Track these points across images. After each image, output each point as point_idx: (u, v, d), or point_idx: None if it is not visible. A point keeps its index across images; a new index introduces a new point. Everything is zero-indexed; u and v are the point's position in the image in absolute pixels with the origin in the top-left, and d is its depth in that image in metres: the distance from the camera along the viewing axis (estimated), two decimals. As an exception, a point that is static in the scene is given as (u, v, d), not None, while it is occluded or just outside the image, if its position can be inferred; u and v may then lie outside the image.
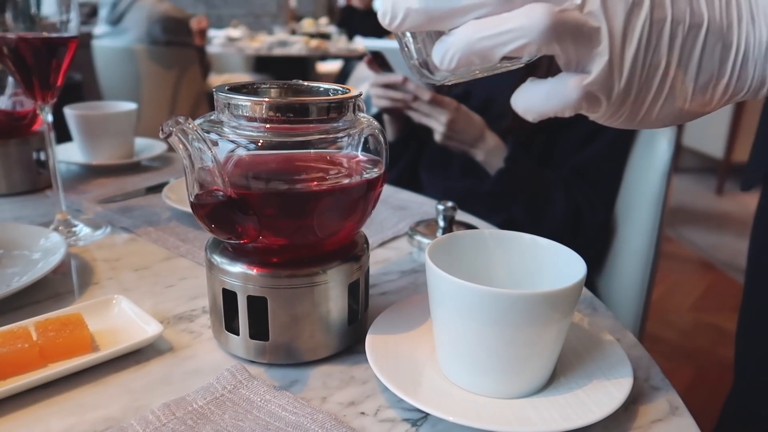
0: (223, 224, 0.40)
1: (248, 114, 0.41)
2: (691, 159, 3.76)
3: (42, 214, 0.76)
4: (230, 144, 0.41)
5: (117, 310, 0.50)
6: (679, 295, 2.23)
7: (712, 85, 0.33)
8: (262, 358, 0.45)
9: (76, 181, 0.90)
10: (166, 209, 0.78)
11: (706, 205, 3.24)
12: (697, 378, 1.72)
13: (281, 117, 0.40)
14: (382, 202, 0.80)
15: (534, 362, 0.39)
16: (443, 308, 0.40)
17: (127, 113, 0.96)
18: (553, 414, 0.37)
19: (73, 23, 0.62)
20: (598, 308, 0.55)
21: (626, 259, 1.04)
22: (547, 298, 0.37)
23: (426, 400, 0.38)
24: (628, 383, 0.40)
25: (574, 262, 0.41)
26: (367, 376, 0.44)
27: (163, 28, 2.55)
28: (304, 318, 0.44)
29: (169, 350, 0.47)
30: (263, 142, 0.41)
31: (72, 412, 0.39)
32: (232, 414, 0.39)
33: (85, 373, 0.43)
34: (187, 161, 0.38)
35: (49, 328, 0.44)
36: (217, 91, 0.42)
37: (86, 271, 0.60)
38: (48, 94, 0.64)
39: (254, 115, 0.40)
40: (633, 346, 0.48)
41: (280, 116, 0.40)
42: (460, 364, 0.41)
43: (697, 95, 0.33)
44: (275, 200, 0.42)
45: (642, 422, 0.39)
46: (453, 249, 0.45)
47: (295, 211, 0.42)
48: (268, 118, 0.40)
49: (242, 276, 0.43)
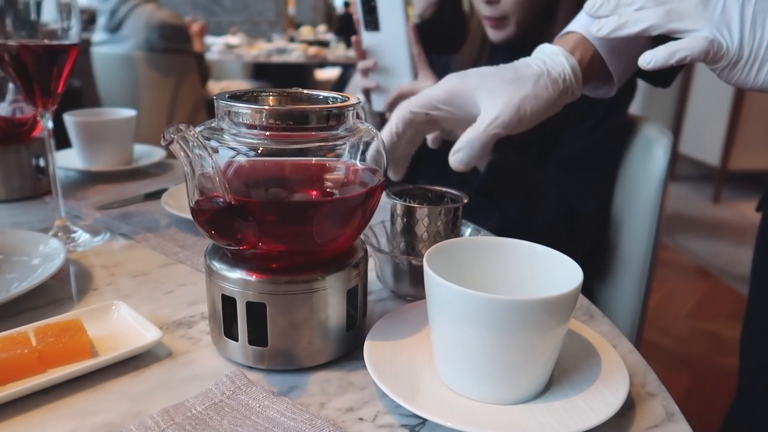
0: (223, 230, 0.41)
1: (248, 121, 0.41)
2: (687, 167, 3.77)
3: (41, 220, 0.76)
4: (230, 151, 0.41)
5: (116, 315, 0.50)
6: (676, 303, 2.23)
7: None
8: (261, 364, 0.45)
9: (75, 188, 0.90)
10: (165, 215, 0.78)
11: (702, 213, 3.25)
12: (694, 385, 1.72)
13: (281, 125, 0.41)
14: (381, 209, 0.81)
15: (531, 368, 0.40)
16: (441, 314, 0.40)
17: (126, 120, 0.96)
18: (550, 420, 0.38)
19: (74, 30, 0.62)
20: (594, 315, 0.55)
21: (623, 267, 1.04)
22: (544, 304, 0.38)
23: (424, 406, 0.38)
24: (624, 389, 0.40)
25: (571, 269, 0.41)
26: (366, 382, 0.44)
27: (161, 36, 2.56)
28: (302, 324, 0.44)
29: (168, 356, 0.47)
30: (263, 149, 0.41)
31: (71, 418, 0.40)
32: (231, 419, 0.39)
33: (85, 379, 0.43)
34: (188, 168, 0.39)
35: (48, 333, 0.44)
36: (218, 98, 0.43)
37: (85, 277, 0.61)
38: (49, 101, 0.64)
39: (254, 123, 0.41)
40: (629, 352, 0.48)
41: (279, 124, 0.41)
42: (458, 370, 0.41)
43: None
44: (275, 208, 0.42)
45: (638, 428, 0.40)
46: (451, 255, 0.45)
47: (294, 219, 0.42)
48: (268, 126, 0.41)
49: (241, 282, 0.43)
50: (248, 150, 0.41)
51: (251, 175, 0.43)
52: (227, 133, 0.42)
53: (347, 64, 3.57)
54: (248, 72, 3.76)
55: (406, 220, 0.56)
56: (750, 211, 2.46)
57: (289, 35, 4.46)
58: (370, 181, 0.44)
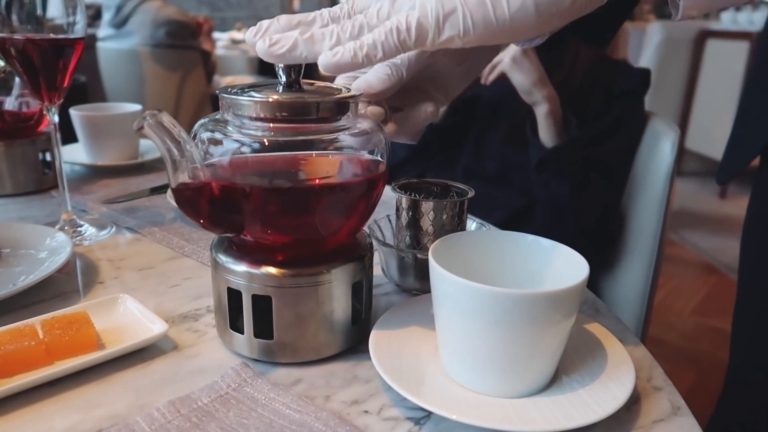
0: (207, 215, 0.42)
1: (251, 114, 0.41)
2: (694, 162, 3.75)
3: (48, 214, 0.76)
4: (234, 143, 0.41)
5: (122, 309, 0.50)
6: (682, 299, 2.23)
7: None
8: (267, 356, 0.45)
9: (81, 182, 0.90)
10: (170, 210, 0.78)
11: (709, 209, 3.23)
12: (699, 381, 1.72)
13: (284, 116, 0.41)
14: (387, 204, 0.81)
15: (536, 362, 0.40)
16: (446, 307, 0.40)
17: (131, 114, 0.97)
18: (556, 413, 0.38)
19: (80, 25, 0.62)
20: (600, 309, 0.55)
21: (629, 262, 1.04)
22: (550, 298, 0.37)
23: (429, 399, 0.38)
24: (630, 383, 0.40)
25: (577, 263, 0.41)
26: (371, 375, 0.44)
27: (167, 32, 2.56)
28: (308, 317, 0.44)
29: (174, 349, 0.47)
30: (266, 141, 0.41)
31: (77, 410, 0.40)
32: (237, 412, 0.39)
33: (91, 371, 0.43)
34: (164, 153, 0.39)
35: (55, 326, 0.45)
36: (221, 92, 0.43)
37: (91, 270, 0.61)
38: (55, 95, 0.64)
39: (257, 115, 0.41)
40: (635, 346, 0.48)
41: (282, 115, 0.41)
42: (463, 364, 0.41)
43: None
44: (278, 197, 0.42)
45: (644, 422, 0.39)
46: (457, 248, 0.45)
47: (296, 208, 0.42)
48: (271, 118, 0.41)
49: (247, 275, 0.43)
50: (252, 142, 0.41)
51: (252, 165, 0.43)
52: (231, 125, 0.42)
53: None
54: (253, 67, 3.76)
55: (411, 213, 0.56)
56: (757, 206, 2.45)
57: (294, 30, 4.45)
58: (373, 169, 0.44)
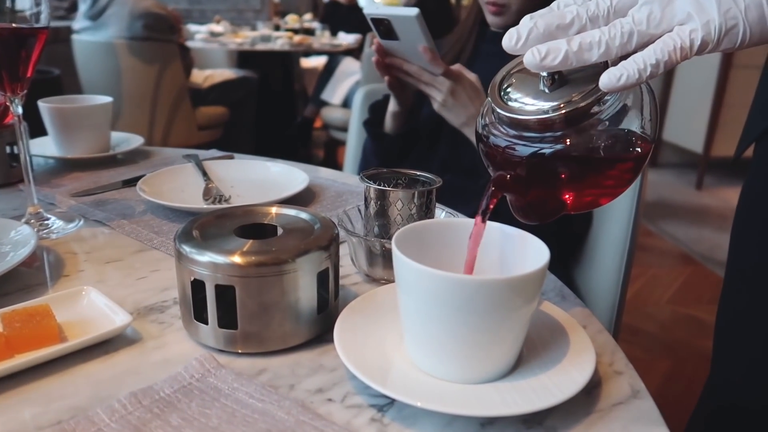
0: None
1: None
2: (671, 154, 3.80)
3: (14, 207, 0.75)
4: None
5: (86, 301, 0.50)
6: (659, 288, 2.26)
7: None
8: (232, 347, 0.45)
9: (51, 175, 0.89)
10: (141, 202, 0.77)
11: (685, 200, 3.28)
12: (675, 369, 1.74)
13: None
14: (356, 194, 0.81)
15: (498, 348, 0.40)
16: (409, 295, 0.40)
17: (101, 106, 0.95)
18: (516, 397, 0.38)
19: (44, 14, 0.61)
20: (567, 296, 0.55)
21: (603, 251, 1.05)
22: (510, 284, 0.38)
23: (391, 386, 0.38)
24: (590, 367, 0.40)
25: (539, 249, 0.42)
26: (336, 364, 0.44)
27: (144, 25, 2.52)
28: (272, 306, 0.44)
29: (139, 341, 0.47)
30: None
31: (37, 402, 0.39)
32: (200, 402, 0.39)
33: (53, 364, 0.43)
34: None
35: (15, 319, 0.44)
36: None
37: (58, 263, 0.60)
38: (18, 86, 0.63)
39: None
40: (598, 332, 0.49)
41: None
42: (426, 351, 0.41)
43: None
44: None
45: (603, 405, 0.40)
46: (421, 237, 0.45)
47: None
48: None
49: (210, 265, 0.43)
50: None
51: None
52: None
53: (333, 53, 3.54)
54: (232, 60, 3.72)
55: (379, 203, 0.56)
56: (732, 197, 2.48)
57: (274, 23, 4.41)
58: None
